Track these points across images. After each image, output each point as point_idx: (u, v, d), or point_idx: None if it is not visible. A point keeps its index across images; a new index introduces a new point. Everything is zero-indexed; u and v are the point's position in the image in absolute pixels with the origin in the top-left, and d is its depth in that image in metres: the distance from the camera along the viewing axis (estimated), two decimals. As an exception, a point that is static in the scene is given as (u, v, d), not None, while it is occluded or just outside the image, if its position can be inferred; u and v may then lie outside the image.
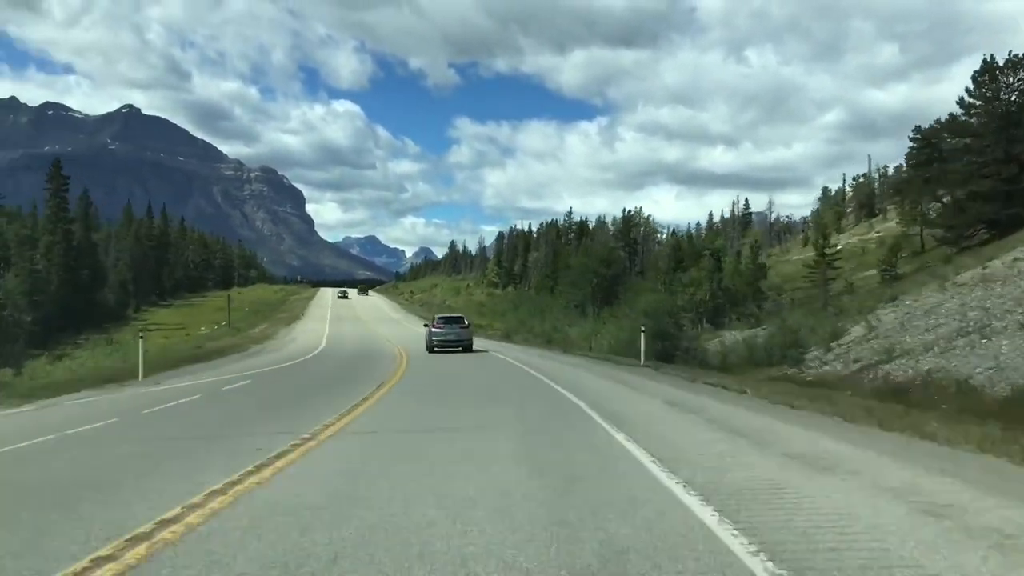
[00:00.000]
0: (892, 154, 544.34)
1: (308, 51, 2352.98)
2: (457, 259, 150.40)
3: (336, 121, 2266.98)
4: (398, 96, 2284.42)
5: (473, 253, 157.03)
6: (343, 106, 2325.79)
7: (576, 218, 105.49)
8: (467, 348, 29.74)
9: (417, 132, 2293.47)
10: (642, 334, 24.78)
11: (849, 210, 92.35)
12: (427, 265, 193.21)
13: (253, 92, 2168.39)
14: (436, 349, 29.47)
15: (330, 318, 59.08)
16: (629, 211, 73.82)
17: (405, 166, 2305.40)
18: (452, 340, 29.69)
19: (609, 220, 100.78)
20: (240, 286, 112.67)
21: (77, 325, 54.47)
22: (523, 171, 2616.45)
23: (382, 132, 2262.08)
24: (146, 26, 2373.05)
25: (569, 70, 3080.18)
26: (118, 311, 66.83)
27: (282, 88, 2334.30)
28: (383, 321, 57.55)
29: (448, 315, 35.49)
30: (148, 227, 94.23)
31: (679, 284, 45.59)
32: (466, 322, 32.04)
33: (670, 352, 28.05)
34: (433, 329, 30.57)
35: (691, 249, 60.72)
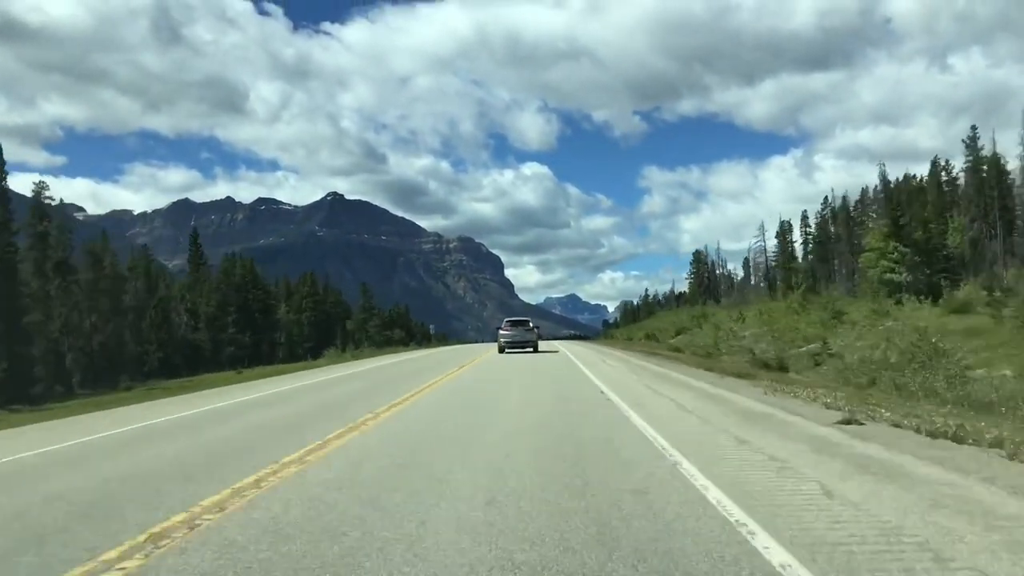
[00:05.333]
0: None
1: (494, 118, 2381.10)
2: (710, 281, 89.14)
3: (527, 184, 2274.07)
4: (586, 150, 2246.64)
5: (733, 272, 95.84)
6: (532, 168, 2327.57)
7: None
8: (535, 348, 32.53)
9: (607, 186, 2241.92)
10: None
11: None
12: (650, 303, 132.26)
13: (445, 165, 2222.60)
14: (507, 350, 31.90)
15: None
16: None
17: (599, 221, 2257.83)
18: (519, 341, 32.44)
19: None
20: (342, 348, 60.72)
21: None
22: (718, 214, 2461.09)
23: (572, 190, 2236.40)
24: (340, 115, 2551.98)
25: (758, 102, 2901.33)
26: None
27: (472, 158, 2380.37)
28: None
29: (514, 319, 36.90)
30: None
31: None
32: (531, 325, 34.77)
33: None
34: (502, 332, 33.46)
35: None
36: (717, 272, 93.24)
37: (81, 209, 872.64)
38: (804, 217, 76.98)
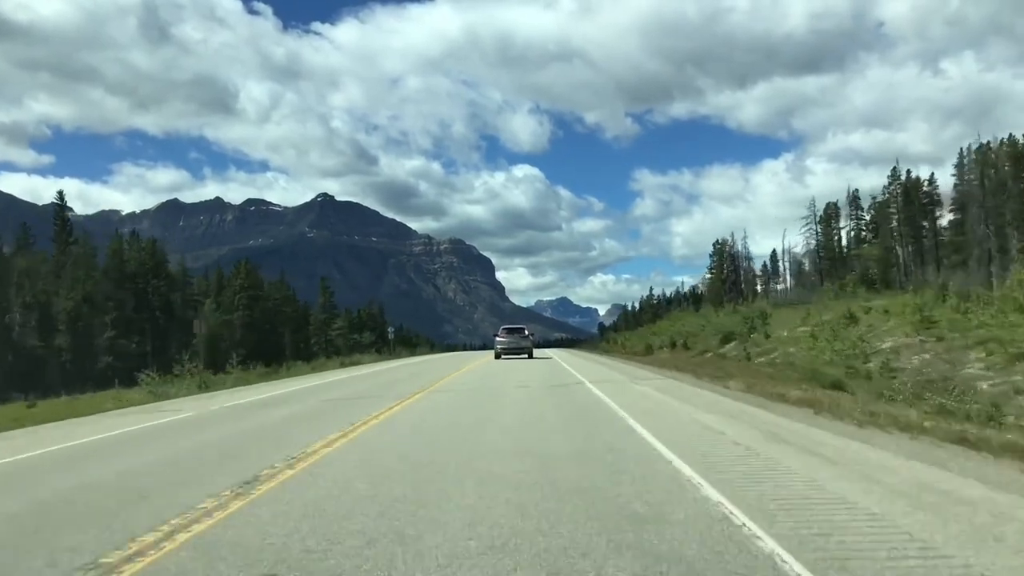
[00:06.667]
0: None
1: (487, 119, 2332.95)
2: (736, 277, 75.37)
3: (518, 186, 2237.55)
4: (578, 153, 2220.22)
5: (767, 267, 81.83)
6: (523, 170, 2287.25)
7: None
8: (530, 355, 33.72)
9: (599, 189, 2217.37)
10: None
11: None
12: (654, 304, 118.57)
13: (436, 167, 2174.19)
14: (503, 356, 33.10)
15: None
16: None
17: (590, 224, 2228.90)
18: (515, 348, 33.72)
19: None
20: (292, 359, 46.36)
21: None
22: (710, 217, 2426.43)
23: (564, 192, 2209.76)
24: (331, 115, 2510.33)
25: (750, 105, 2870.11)
26: None
27: (463, 159, 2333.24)
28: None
29: (510, 326, 37.75)
30: None
31: None
32: (526, 332, 36.45)
33: None
34: (498, 339, 34.74)
35: None
36: (742, 266, 79.09)
37: (69, 209, 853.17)
38: (855, 199, 63.32)
